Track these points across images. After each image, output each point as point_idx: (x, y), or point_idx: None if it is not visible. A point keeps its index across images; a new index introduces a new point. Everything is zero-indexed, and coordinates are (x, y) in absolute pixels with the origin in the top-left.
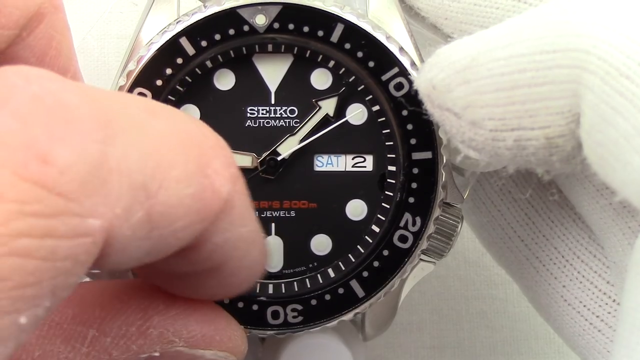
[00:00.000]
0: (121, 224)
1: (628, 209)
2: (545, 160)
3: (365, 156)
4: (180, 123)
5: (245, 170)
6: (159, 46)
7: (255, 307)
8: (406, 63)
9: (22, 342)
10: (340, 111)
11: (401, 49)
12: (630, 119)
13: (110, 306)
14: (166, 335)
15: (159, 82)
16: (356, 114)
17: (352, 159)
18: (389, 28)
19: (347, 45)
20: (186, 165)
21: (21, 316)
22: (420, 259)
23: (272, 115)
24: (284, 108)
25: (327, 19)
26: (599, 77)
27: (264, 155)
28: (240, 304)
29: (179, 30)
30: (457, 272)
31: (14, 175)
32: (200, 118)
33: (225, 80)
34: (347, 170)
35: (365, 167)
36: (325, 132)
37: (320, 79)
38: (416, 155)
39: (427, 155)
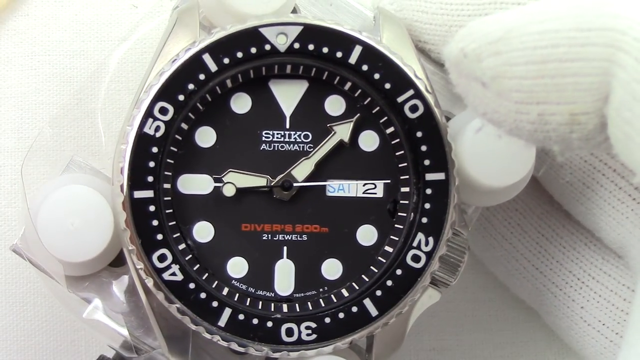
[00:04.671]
0: None
1: None
2: (564, 138)
3: (376, 183)
4: None
5: (259, 193)
6: (182, 61)
7: (269, 324)
8: (421, 86)
9: None
10: (354, 137)
11: (415, 73)
12: None
13: None
14: None
15: (181, 97)
16: (368, 140)
17: (363, 185)
18: (402, 56)
19: (365, 67)
20: None
21: None
22: (429, 284)
23: (287, 139)
24: (299, 133)
25: (346, 41)
26: (633, 57)
27: (278, 177)
28: (255, 321)
29: (202, 46)
30: None
31: None
32: (217, 140)
33: (241, 104)
34: (358, 196)
35: (375, 193)
36: (340, 158)
37: (334, 105)
38: (430, 177)
39: (441, 176)
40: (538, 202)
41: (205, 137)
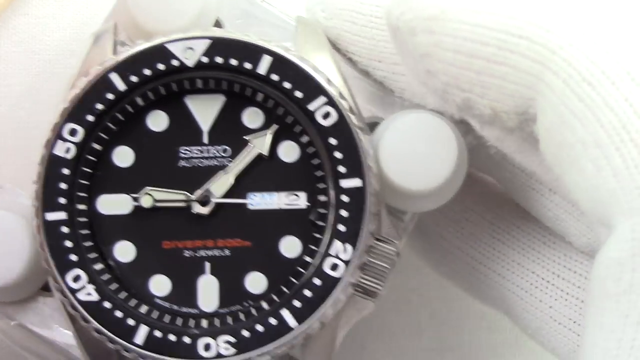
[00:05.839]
0: None
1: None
2: (489, 122)
3: (298, 193)
4: None
5: (178, 210)
6: (89, 82)
7: (187, 340)
8: (333, 93)
9: None
10: (273, 148)
11: (328, 80)
12: (587, 127)
13: None
14: None
15: (90, 118)
16: (288, 151)
17: (286, 196)
18: (316, 63)
19: (275, 77)
20: None
21: None
22: (355, 292)
23: (206, 154)
24: (217, 147)
25: (254, 51)
26: (562, 79)
27: (196, 193)
28: (172, 337)
29: (108, 66)
30: None
31: None
32: (135, 160)
33: (157, 122)
34: (280, 208)
35: (298, 204)
36: (260, 171)
37: (252, 117)
38: (345, 183)
39: (357, 183)
40: (487, 207)
41: (123, 156)
